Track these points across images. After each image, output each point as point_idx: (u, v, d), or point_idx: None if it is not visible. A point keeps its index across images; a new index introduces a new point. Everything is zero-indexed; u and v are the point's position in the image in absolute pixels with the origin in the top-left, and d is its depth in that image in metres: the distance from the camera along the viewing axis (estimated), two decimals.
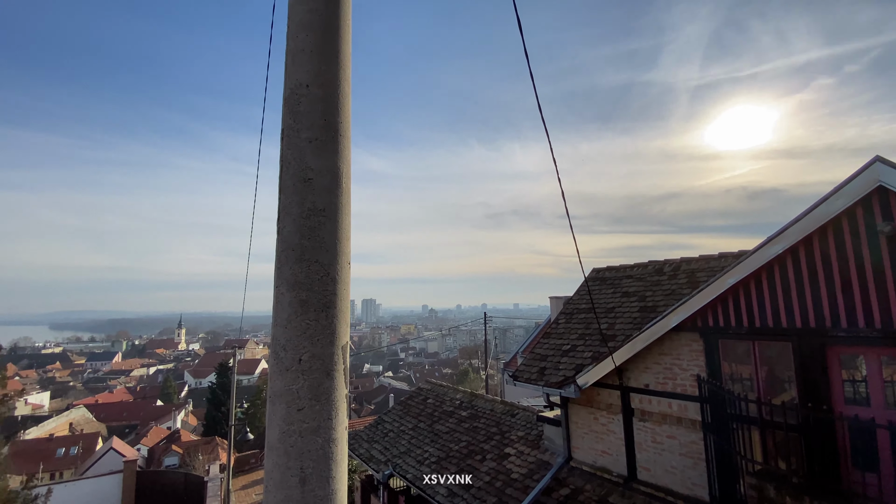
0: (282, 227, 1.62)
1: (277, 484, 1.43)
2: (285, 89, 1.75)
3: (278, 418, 1.47)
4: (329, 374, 1.55)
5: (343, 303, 1.66)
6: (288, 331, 1.53)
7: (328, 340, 1.57)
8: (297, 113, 1.69)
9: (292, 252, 1.59)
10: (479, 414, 12.57)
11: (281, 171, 1.68)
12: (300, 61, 1.72)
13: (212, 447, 35.06)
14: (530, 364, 9.38)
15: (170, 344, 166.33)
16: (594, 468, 7.99)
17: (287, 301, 1.55)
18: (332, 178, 1.70)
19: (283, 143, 1.70)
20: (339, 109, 1.77)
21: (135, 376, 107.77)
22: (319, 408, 1.51)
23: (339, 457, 1.54)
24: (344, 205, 1.73)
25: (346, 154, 1.77)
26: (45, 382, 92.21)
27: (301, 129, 1.68)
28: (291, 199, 1.63)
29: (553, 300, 21.39)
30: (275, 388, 1.51)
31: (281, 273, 1.58)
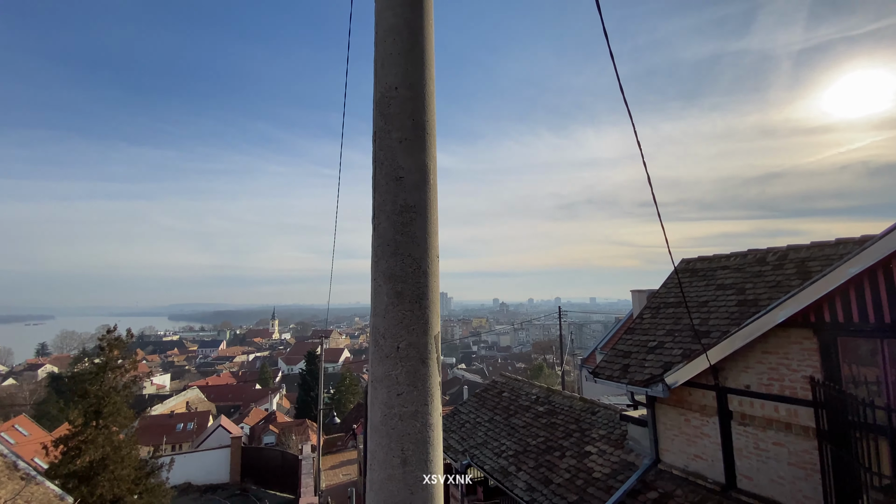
0: (377, 224, 1.74)
1: (381, 463, 1.55)
2: (376, 93, 1.86)
3: (380, 402, 1.59)
4: (424, 361, 1.64)
5: (434, 294, 1.74)
6: (386, 320, 1.64)
7: (422, 330, 1.66)
8: (388, 115, 1.79)
9: (388, 247, 1.70)
10: (556, 410, 12.33)
11: (374, 171, 1.79)
12: (389, 65, 1.82)
13: (303, 429, 38.08)
14: (612, 361, 8.99)
15: (265, 333, 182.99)
16: (686, 472, 7.48)
17: (384, 292, 1.66)
18: (421, 175, 1.78)
19: (374, 144, 1.81)
20: (426, 109, 1.84)
21: (237, 362, 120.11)
22: (417, 393, 1.60)
23: (435, 441, 1.63)
24: (432, 201, 1.80)
25: (432, 151, 1.85)
26: (166, 366, 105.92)
27: (391, 130, 1.78)
28: (385, 196, 1.73)
29: (635, 294, 20.25)
30: (376, 373, 1.62)
31: (378, 266, 1.70)
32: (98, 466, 15.92)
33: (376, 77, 1.87)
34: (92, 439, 16.13)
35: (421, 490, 1.54)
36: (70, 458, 15.85)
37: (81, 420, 16.57)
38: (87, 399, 17.01)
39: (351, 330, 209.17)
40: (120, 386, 17.71)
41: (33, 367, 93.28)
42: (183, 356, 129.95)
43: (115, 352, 18.07)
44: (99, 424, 16.45)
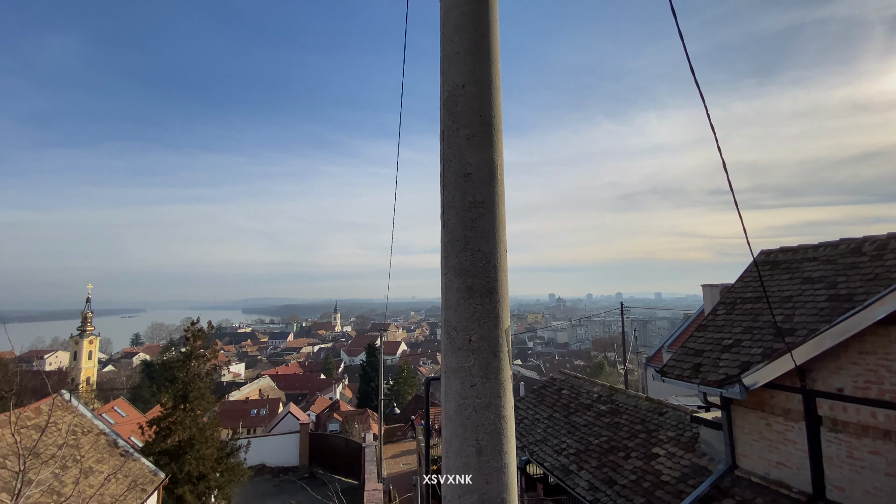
0: (446, 220, 1.78)
1: (456, 451, 1.60)
2: (443, 92, 1.90)
3: (454, 392, 1.64)
4: (496, 354, 1.67)
5: (503, 289, 1.76)
6: (458, 313, 1.69)
7: (493, 324, 1.69)
8: (455, 113, 1.82)
9: (457, 242, 1.74)
10: (620, 409, 11.89)
11: (442, 169, 1.84)
12: (456, 63, 1.85)
13: (364, 418, 39.62)
14: (682, 359, 8.52)
15: (328, 326, 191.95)
16: (766, 480, 6.95)
17: (455, 287, 1.71)
18: (489, 171, 1.81)
19: (443, 142, 1.86)
20: (493, 105, 1.86)
21: (303, 353, 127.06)
22: (490, 385, 1.64)
23: (508, 433, 1.66)
24: (500, 196, 1.82)
25: (499, 147, 1.86)
26: (241, 356, 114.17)
27: (459, 128, 1.81)
28: (454, 193, 1.77)
29: (707, 288, 19.00)
30: (449, 364, 1.67)
31: (448, 261, 1.75)
32: (185, 446, 17.56)
33: (443, 76, 1.91)
34: (180, 421, 17.81)
35: (496, 479, 1.57)
36: (162, 438, 17.62)
37: (171, 403, 18.35)
38: (176, 384, 18.80)
39: (407, 324, 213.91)
40: (203, 373, 19.39)
41: (129, 356, 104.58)
42: (255, 347, 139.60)
43: (198, 342, 19.79)
44: (186, 408, 18.12)
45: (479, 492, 1.55)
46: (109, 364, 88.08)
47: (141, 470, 14.41)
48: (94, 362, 66.93)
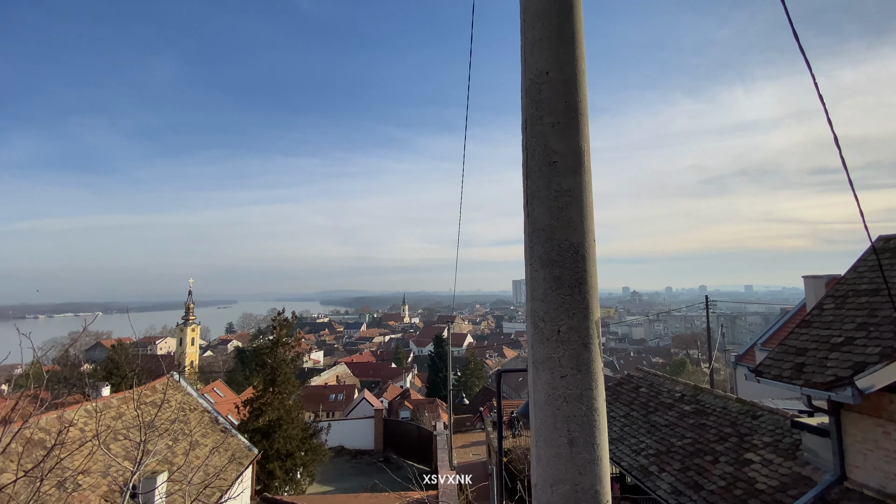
0: (530, 210, 1.77)
1: (547, 440, 1.60)
2: (525, 81, 1.88)
3: (543, 382, 1.64)
4: (587, 346, 1.64)
5: (593, 279, 1.72)
6: (545, 304, 1.68)
7: (583, 315, 1.66)
8: (539, 101, 1.80)
9: (543, 232, 1.72)
10: (705, 410, 11.08)
11: (526, 158, 1.82)
12: (539, 50, 1.82)
13: (434, 407, 40.56)
14: (781, 358, 7.74)
15: (397, 318, 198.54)
16: (882, 494, 6.13)
17: (541, 277, 1.69)
18: (576, 158, 1.76)
19: (526, 132, 1.84)
20: (578, 90, 1.80)
21: (375, 342, 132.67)
22: (581, 377, 1.61)
23: (601, 425, 1.63)
24: (587, 184, 1.77)
25: (586, 132, 1.81)
26: (319, 344, 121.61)
27: (543, 116, 1.78)
28: (538, 182, 1.75)
29: (809, 280, 17.03)
30: (537, 355, 1.67)
31: (533, 252, 1.73)
32: (275, 425, 19.17)
33: (525, 64, 1.88)
34: (270, 402, 19.46)
35: (589, 471, 1.55)
36: (254, 417, 19.36)
37: (262, 386, 20.09)
38: (265, 369, 20.53)
39: (472, 316, 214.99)
40: (288, 359, 21.00)
41: (224, 343, 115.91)
42: (332, 336, 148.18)
43: (283, 331, 21.43)
44: (274, 391, 19.76)
45: (572, 482, 1.54)
46: (208, 350, 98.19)
47: (238, 445, 15.98)
48: (195, 348, 75.09)
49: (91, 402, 12.84)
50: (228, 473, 13.83)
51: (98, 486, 10.23)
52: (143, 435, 7.16)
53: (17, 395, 14.23)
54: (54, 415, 11.12)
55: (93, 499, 9.88)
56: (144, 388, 14.64)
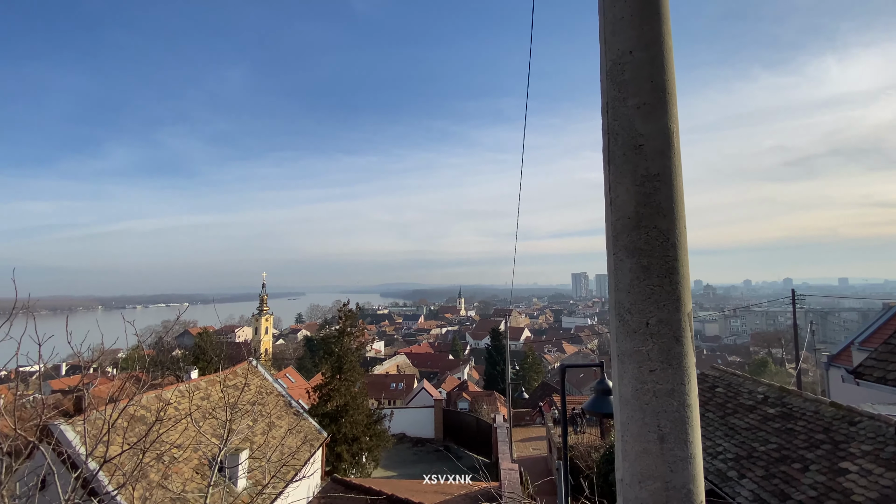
0: (614, 197, 1.70)
1: (635, 436, 1.55)
2: (605, 62, 1.80)
3: (630, 376, 1.58)
4: (679, 339, 1.56)
5: (684, 269, 1.62)
6: (631, 295, 1.61)
7: (674, 307, 1.57)
8: (622, 82, 1.71)
9: (629, 220, 1.65)
10: (793, 414, 10.15)
11: (608, 143, 1.75)
12: (620, 30, 1.73)
13: (492, 399, 40.60)
14: (886, 359, 6.91)
15: (453, 310, 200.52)
16: None
17: (628, 267, 1.62)
18: (664, 140, 1.66)
19: (607, 115, 1.76)
20: (665, 68, 1.70)
21: (433, 334, 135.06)
22: (672, 371, 1.54)
23: (694, 422, 1.54)
24: (677, 167, 1.67)
25: (674, 113, 1.70)
26: (380, 335, 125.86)
27: (627, 97, 1.70)
28: (623, 168, 1.68)
29: None
30: (623, 347, 1.61)
31: (618, 241, 1.66)
32: (342, 410, 20.15)
33: (605, 45, 1.80)
34: (337, 388, 20.47)
35: (681, 469, 1.48)
36: (323, 403, 20.46)
37: (330, 373, 21.17)
38: (332, 357, 21.60)
39: (530, 310, 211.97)
40: (353, 348, 21.96)
41: (294, 332, 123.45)
42: (392, 327, 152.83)
43: (348, 321, 22.42)
44: (341, 378, 20.75)
45: (663, 479, 1.48)
46: (280, 338, 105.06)
47: (309, 428, 17.00)
48: (269, 336, 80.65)
49: (183, 383, 14.24)
50: (301, 454, 14.76)
51: (190, 460, 11.33)
52: (229, 415, 7.83)
53: (122, 376, 16.12)
54: (153, 394, 12.45)
55: (186, 471, 10.97)
56: (227, 372, 15.96)
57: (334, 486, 9.95)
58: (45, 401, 12.11)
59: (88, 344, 7.81)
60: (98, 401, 11.00)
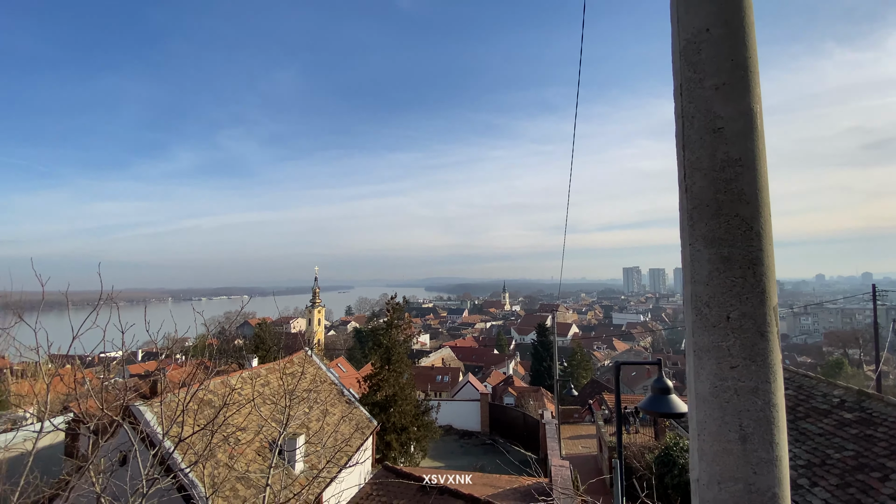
0: (690, 184, 1.61)
1: (713, 435, 1.47)
2: (679, 42, 1.70)
3: (708, 372, 1.50)
4: (763, 334, 1.46)
5: (769, 259, 1.51)
6: (710, 288, 1.52)
7: (758, 300, 1.48)
8: (698, 62, 1.61)
9: (706, 208, 1.55)
10: (873, 420, 9.28)
11: (682, 127, 1.66)
12: (695, 6, 1.63)
13: (539, 395, 40.11)
14: None
15: (498, 305, 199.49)
16: None
17: (706, 258, 1.54)
18: (746, 122, 1.56)
19: (681, 98, 1.67)
20: (747, 45, 1.58)
21: (477, 328, 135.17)
22: (755, 368, 1.45)
23: (780, 423, 1.45)
24: (761, 150, 1.55)
25: (757, 92, 1.58)
26: (425, 328, 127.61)
27: (704, 78, 1.60)
28: (699, 153, 1.58)
29: None
30: (700, 342, 1.53)
31: (694, 230, 1.58)
32: (390, 400, 20.66)
33: (677, 24, 1.70)
34: (386, 379, 21.00)
35: (766, 471, 1.39)
36: (373, 392, 21.07)
37: (379, 364, 21.75)
38: (381, 348, 22.17)
39: (578, 306, 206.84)
40: (400, 340, 22.43)
41: (344, 324, 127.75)
42: (437, 321, 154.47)
43: (396, 314, 22.90)
44: (389, 368, 21.27)
45: (745, 481, 1.40)
46: (331, 330, 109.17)
47: (360, 416, 17.58)
48: (321, 327, 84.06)
49: (245, 370, 15.14)
50: (354, 441, 15.31)
51: (252, 442, 12.06)
52: (288, 401, 8.26)
53: (192, 362, 17.41)
54: (219, 380, 13.34)
55: (248, 452, 11.69)
56: (285, 361, 16.81)
57: (386, 473, 10.25)
58: (126, 384, 13.31)
59: (163, 332, 8.47)
60: (171, 385, 11.92)
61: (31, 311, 5.42)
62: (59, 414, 14.27)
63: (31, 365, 28.47)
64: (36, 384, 20.59)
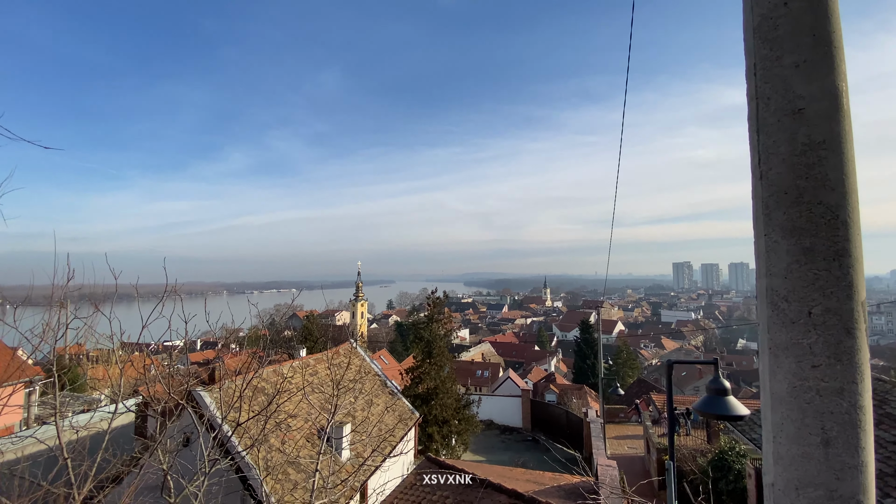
0: (766, 170, 1.50)
1: (791, 437, 1.38)
2: (752, 18, 1.58)
3: (786, 371, 1.41)
4: (850, 332, 1.35)
5: (857, 251, 1.39)
6: (789, 281, 1.42)
7: (845, 294, 1.36)
8: (774, 39, 1.50)
9: (785, 195, 1.45)
10: None
11: (757, 109, 1.55)
12: None
13: (582, 393, 39.23)
14: None
15: (538, 301, 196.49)
16: None
17: (784, 249, 1.43)
18: (830, 101, 1.43)
19: (755, 79, 1.56)
20: (830, 18, 1.45)
21: (517, 324, 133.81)
22: (841, 368, 1.34)
23: (867, 426, 1.33)
24: (847, 132, 1.43)
25: (842, 69, 1.45)
26: (465, 323, 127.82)
27: (782, 55, 1.48)
28: (776, 136, 1.47)
29: None
30: (777, 339, 1.44)
31: (771, 219, 1.47)
32: (432, 393, 20.91)
33: (752, 0, 1.58)
34: (427, 372, 21.27)
35: (850, 477, 1.29)
36: (415, 384, 21.40)
37: (420, 357, 22.05)
38: (422, 342, 22.45)
39: (623, 302, 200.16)
40: (441, 334, 22.62)
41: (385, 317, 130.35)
42: (476, 316, 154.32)
43: (436, 308, 23.09)
44: (431, 362, 21.51)
45: (826, 487, 1.30)
46: (374, 323, 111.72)
47: (403, 408, 17.91)
48: (364, 320, 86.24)
49: (294, 360, 15.79)
50: (397, 431, 15.63)
51: (302, 429, 12.58)
52: (336, 391, 8.54)
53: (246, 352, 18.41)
54: (271, 369, 13.99)
55: (298, 438, 12.20)
56: (332, 351, 17.39)
57: (428, 464, 10.40)
58: (188, 370, 14.24)
59: (220, 323, 8.96)
60: (228, 373, 12.59)
61: (105, 303, 5.91)
62: (130, 397, 15.49)
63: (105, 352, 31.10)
64: (110, 369, 22.42)
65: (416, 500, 9.08)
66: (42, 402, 20.67)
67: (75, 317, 5.62)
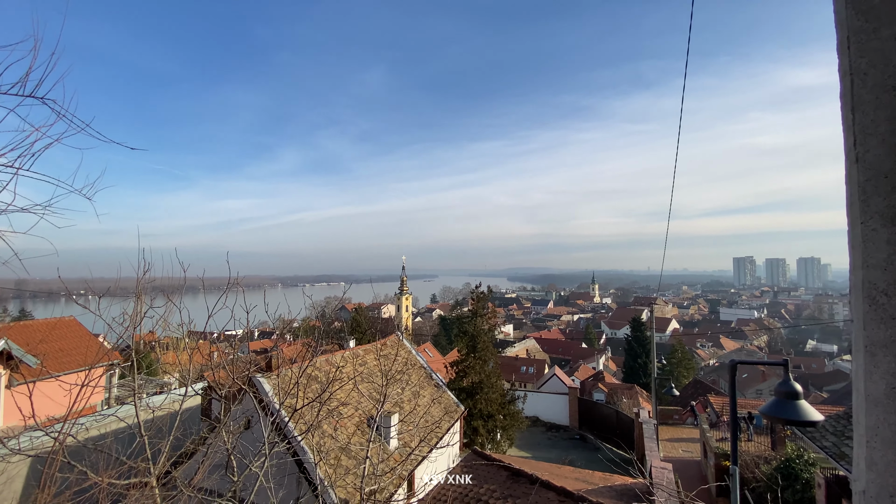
0: (863, 152, 1.38)
1: (888, 442, 1.27)
2: None
3: (883, 371, 1.29)
4: None
5: None
6: (889, 273, 1.30)
7: None
8: (871, 9, 1.36)
9: (884, 179, 1.32)
10: None
11: (851, 86, 1.42)
12: None
13: (632, 393, 37.93)
14: None
15: (586, 297, 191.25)
16: None
17: (883, 238, 1.31)
18: None
19: (848, 52, 1.43)
20: None
21: (563, 321, 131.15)
22: None
23: None
24: None
25: None
26: (509, 318, 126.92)
27: (880, 27, 1.35)
28: (875, 115, 1.34)
29: None
30: (874, 337, 1.32)
31: (868, 205, 1.35)
32: (476, 387, 20.96)
33: None
34: (472, 366, 21.33)
35: None
36: (459, 378, 21.52)
37: (465, 351, 22.14)
38: (467, 336, 22.53)
39: (678, 299, 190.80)
40: (485, 329, 22.59)
41: (429, 311, 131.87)
42: (520, 311, 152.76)
43: (480, 303, 23.06)
44: (475, 356, 21.55)
45: None
46: (418, 316, 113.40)
47: (448, 400, 18.10)
48: (409, 314, 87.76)
49: (344, 351, 16.36)
50: (443, 424, 15.83)
51: (352, 417, 13.03)
52: (384, 381, 8.77)
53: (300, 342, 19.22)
54: (323, 358, 14.57)
55: (349, 426, 12.65)
56: (380, 343, 17.85)
57: (474, 457, 10.46)
58: (249, 358, 15.12)
59: (277, 314, 9.45)
60: (284, 361, 13.21)
61: (175, 294, 6.42)
62: (197, 381, 16.69)
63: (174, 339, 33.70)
64: (179, 355, 24.27)
65: (464, 491, 9.18)
66: (121, 384, 22.70)
67: (150, 307, 6.13)
